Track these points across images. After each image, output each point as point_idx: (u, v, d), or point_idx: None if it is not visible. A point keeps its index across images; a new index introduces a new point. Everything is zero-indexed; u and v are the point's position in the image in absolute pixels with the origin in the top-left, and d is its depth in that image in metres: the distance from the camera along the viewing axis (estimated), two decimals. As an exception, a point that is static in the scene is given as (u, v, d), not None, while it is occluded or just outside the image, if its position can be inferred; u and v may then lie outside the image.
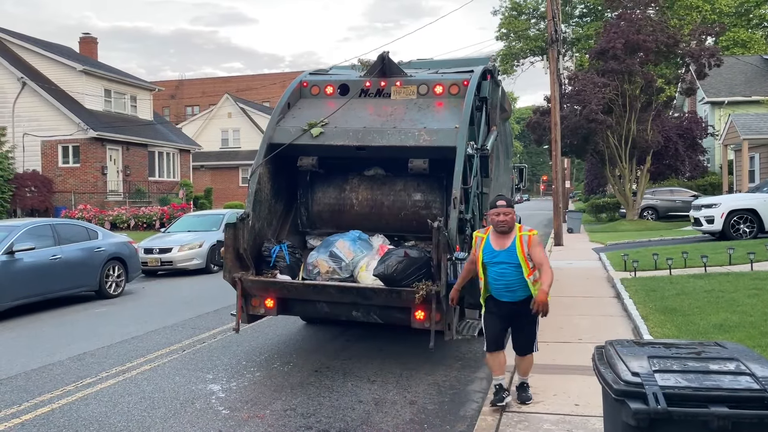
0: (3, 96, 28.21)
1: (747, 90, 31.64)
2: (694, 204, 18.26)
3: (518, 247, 5.03)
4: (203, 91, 58.68)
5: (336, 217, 7.78)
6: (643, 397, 2.96)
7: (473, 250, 5.28)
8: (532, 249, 5.02)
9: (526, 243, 5.04)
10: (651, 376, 3.06)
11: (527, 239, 5.05)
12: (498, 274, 5.08)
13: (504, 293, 5.12)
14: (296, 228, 7.92)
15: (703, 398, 2.94)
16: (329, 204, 7.82)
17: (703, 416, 2.88)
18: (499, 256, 5.06)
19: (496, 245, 5.09)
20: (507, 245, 5.06)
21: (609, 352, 3.49)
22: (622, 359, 3.27)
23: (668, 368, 3.15)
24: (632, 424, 2.94)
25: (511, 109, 12.04)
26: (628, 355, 3.32)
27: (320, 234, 7.76)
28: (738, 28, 41.46)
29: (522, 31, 47.99)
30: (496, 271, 5.08)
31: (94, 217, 24.78)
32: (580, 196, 56.58)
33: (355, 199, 7.70)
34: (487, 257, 5.11)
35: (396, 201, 7.55)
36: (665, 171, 29.85)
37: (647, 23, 25.21)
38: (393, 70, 7.73)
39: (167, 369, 6.92)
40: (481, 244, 5.17)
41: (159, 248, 15.24)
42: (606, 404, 3.49)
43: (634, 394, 3.01)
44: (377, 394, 5.96)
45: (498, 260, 5.06)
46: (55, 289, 10.95)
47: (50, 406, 5.80)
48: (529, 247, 5.02)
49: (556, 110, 20.87)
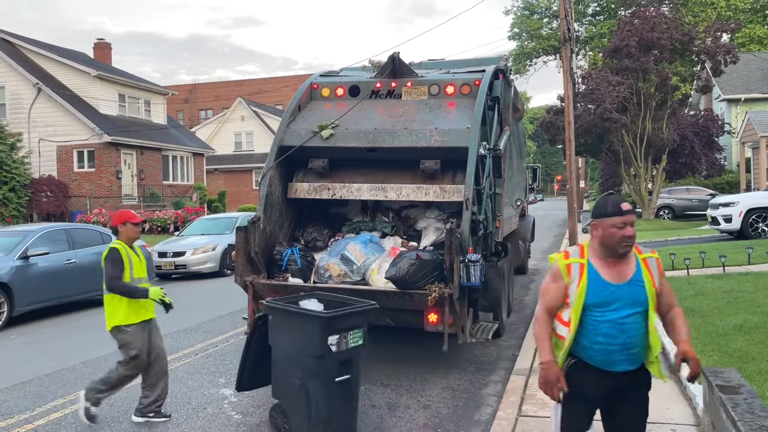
0: (19, 102, 28.51)
1: (764, 87, 31.21)
2: (711, 203, 18.01)
3: (646, 278, 3.12)
4: (216, 95, 58.99)
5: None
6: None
7: (554, 284, 3.21)
8: (663, 280, 3.20)
9: (656, 270, 3.17)
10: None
11: (655, 265, 3.18)
12: (615, 327, 3.07)
13: (618, 358, 3.11)
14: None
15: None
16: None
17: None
18: (618, 296, 3.08)
19: (611, 276, 3.10)
20: (629, 275, 3.11)
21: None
22: None
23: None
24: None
25: (524, 109, 11.94)
26: None
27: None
28: (754, 24, 40.95)
29: (534, 31, 47.77)
30: (612, 321, 3.07)
31: (109, 221, 24.93)
32: (595, 195, 56.17)
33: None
34: (596, 297, 3.08)
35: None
36: (681, 170, 29.51)
37: (661, 20, 24.96)
38: (404, 70, 7.67)
39: (180, 373, 6.90)
40: (580, 275, 3.13)
41: (173, 252, 15.28)
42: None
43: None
44: (390, 398, 5.89)
45: (618, 303, 3.08)
46: (70, 294, 10.99)
47: (63, 411, 5.80)
48: (660, 276, 3.18)
49: (570, 109, 20.64)
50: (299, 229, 7.58)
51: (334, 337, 4.59)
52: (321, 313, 4.77)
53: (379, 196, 7.07)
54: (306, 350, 4.69)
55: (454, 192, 6.73)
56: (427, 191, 6.85)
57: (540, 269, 14.74)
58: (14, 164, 24.84)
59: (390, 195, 7.00)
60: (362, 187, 7.11)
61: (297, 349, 4.77)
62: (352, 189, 7.14)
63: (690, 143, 27.24)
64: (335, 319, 4.65)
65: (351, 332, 4.70)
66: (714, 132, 28.60)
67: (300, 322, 4.77)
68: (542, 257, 17.14)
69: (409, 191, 6.92)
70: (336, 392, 4.67)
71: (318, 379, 4.64)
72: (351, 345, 4.71)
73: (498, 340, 7.73)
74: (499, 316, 7.57)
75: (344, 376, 4.68)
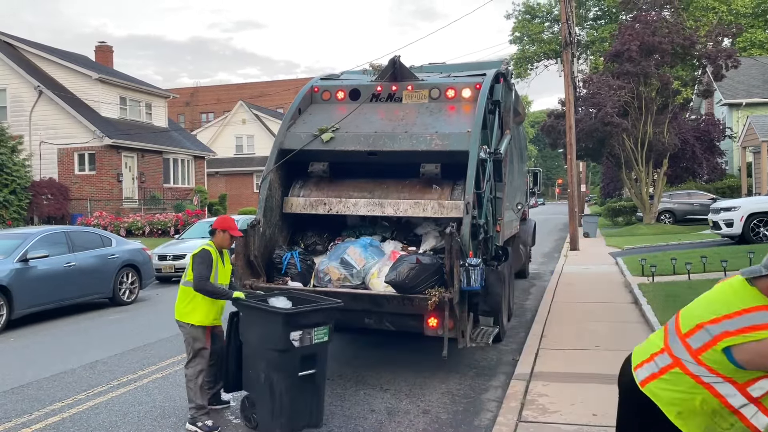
0: (20, 105, 28.54)
1: (765, 91, 31.18)
2: (712, 207, 17.97)
3: None
4: (218, 98, 59.03)
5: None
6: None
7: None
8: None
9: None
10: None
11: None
12: None
13: None
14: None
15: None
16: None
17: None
18: None
19: None
20: None
21: None
22: None
23: None
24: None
25: (524, 113, 11.92)
26: None
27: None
28: (755, 29, 40.96)
29: (536, 35, 47.78)
30: None
31: (110, 224, 24.92)
32: (596, 199, 56.11)
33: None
34: None
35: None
36: (682, 174, 29.49)
37: (663, 25, 24.96)
38: (404, 74, 7.65)
39: (179, 377, 6.86)
40: None
41: (173, 255, 15.25)
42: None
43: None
44: (390, 403, 5.86)
45: None
46: (69, 297, 10.96)
47: (60, 415, 5.76)
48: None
49: (571, 113, 20.69)
50: (299, 232, 7.56)
51: (297, 333, 4.84)
52: (282, 309, 5.02)
53: (376, 212, 7.00)
54: (269, 344, 4.95)
55: (452, 208, 6.66)
56: (425, 207, 6.77)
57: (540, 273, 14.71)
58: (15, 167, 24.84)
59: (387, 211, 6.92)
60: (359, 203, 7.02)
61: (262, 343, 5.04)
62: (349, 204, 7.05)
63: (691, 147, 27.21)
64: (297, 315, 4.93)
65: (315, 329, 4.94)
66: (715, 136, 28.57)
67: (265, 318, 5.05)
68: (543, 261, 17.12)
69: (407, 207, 6.83)
70: (300, 386, 4.92)
71: (281, 372, 4.89)
72: (315, 341, 4.96)
73: (498, 345, 7.70)
74: (500, 321, 7.54)
75: (308, 371, 4.92)
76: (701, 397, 2.44)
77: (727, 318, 2.40)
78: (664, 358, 2.57)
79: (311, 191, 7.33)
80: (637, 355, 2.74)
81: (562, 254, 18.42)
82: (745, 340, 2.32)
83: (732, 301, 2.44)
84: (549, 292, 11.41)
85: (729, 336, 2.36)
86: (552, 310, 9.69)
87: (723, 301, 2.48)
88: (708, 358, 2.42)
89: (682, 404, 2.48)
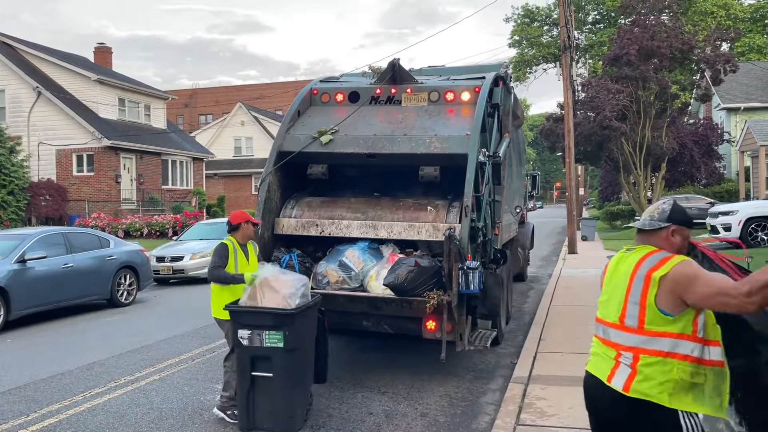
0: (19, 105, 28.51)
1: (763, 96, 31.26)
2: (710, 211, 17.99)
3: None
4: (217, 100, 59.01)
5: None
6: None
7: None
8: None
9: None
10: None
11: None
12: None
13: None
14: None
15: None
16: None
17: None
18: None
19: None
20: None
21: None
22: None
23: None
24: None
25: (523, 116, 11.93)
26: None
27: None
28: (754, 33, 41.06)
29: (535, 38, 47.87)
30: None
31: (108, 225, 24.89)
32: (595, 203, 56.17)
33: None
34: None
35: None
36: (681, 178, 29.55)
37: (661, 29, 25.04)
38: (404, 77, 7.66)
39: (176, 379, 6.86)
40: None
41: (171, 256, 15.23)
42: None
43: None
44: (388, 405, 5.85)
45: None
46: (67, 298, 10.94)
47: (58, 416, 5.75)
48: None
49: (570, 117, 20.71)
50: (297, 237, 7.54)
51: (245, 332, 5.04)
52: (232, 307, 5.20)
53: (369, 234, 6.86)
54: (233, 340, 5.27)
55: (446, 230, 6.61)
56: (419, 230, 6.67)
57: (539, 277, 14.72)
58: (13, 167, 24.80)
59: (381, 233, 6.80)
60: (352, 225, 6.89)
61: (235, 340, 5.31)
62: (342, 226, 6.93)
63: (689, 152, 27.28)
64: (242, 314, 5.11)
65: (266, 332, 5.00)
66: (713, 140, 28.65)
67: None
68: (541, 264, 17.12)
69: (401, 229, 6.72)
70: (254, 386, 5.06)
71: (238, 368, 5.19)
72: (267, 344, 5.01)
73: (496, 348, 7.69)
74: (498, 324, 7.54)
75: (264, 374, 5.01)
76: (674, 367, 2.54)
77: (635, 270, 2.66)
78: (626, 356, 2.64)
79: (303, 211, 7.20)
80: (600, 370, 2.77)
81: (560, 257, 18.42)
82: (666, 270, 2.55)
83: (629, 261, 2.73)
84: (547, 296, 11.41)
85: (654, 271, 2.59)
86: (550, 313, 9.69)
87: (624, 271, 2.73)
88: (650, 321, 2.58)
89: (666, 385, 2.54)
